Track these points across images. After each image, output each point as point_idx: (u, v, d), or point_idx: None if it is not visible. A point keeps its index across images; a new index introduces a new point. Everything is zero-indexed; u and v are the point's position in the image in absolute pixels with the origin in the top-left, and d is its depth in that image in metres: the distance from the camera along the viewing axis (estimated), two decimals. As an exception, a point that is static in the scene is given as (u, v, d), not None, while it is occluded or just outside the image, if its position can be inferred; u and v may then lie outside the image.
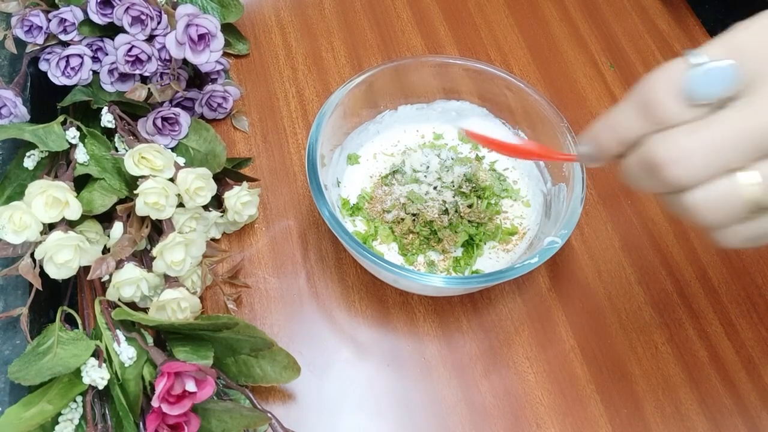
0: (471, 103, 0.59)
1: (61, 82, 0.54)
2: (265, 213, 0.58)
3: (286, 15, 0.71)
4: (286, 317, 0.53)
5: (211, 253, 0.51)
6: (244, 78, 0.66)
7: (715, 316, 0.55)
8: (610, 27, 0.73)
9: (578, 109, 0.66)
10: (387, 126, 0.59)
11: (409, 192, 0.54)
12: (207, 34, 0.53)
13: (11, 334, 0.46)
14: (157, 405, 0.39)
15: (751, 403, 0.51)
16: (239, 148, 0.61)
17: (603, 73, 0.69)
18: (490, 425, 0.49)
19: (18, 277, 0.48)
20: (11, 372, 0.42)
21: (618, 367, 0.52)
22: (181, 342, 0.45)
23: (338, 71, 0.67)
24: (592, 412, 0.50)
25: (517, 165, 0.58)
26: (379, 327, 0.53)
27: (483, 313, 0.54)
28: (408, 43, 0.70)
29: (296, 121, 0.63)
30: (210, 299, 0.53)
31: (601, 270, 0.56)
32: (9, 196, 0.51)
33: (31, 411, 0.41)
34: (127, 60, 0.53)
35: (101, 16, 0.54)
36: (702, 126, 0.29)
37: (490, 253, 0.54)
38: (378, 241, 0.54)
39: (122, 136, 0.53)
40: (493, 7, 0.73)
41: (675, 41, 0.72)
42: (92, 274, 0.45)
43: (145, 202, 0.47)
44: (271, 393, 0.49)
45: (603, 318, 0.54)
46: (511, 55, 0.70)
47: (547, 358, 0.52)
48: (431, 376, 0.51)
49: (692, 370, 0.52)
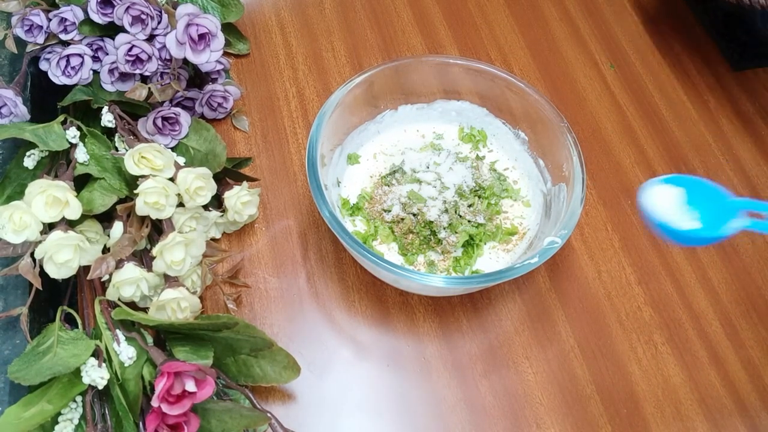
0: (471, 103, 0.59)
1: (62, 81, 0.54)
2: (265, 213, 0.58)
3: (286, 15, 0.71)
4: (286, 317, 0.53)
5: (211, 252, 0.51)
6: (244, 78, 0.66)
7: (715, 316, 0.55)
8: (610, 27, 0.73)
9: (578, 109, 0.66)
10: (387, 126, 0.59)
11: (409, 192, 0.54)
12: (207, 34, 0.53)
13: (11, 334, 0.46)
14: (157, 405, 0.39)
15: (751, 403, 0.51)
16: (239, 148, 0.61)
17: (603, 73, 0.69)
18: (490, 425, 0.49)
19: (18, 277, 0.48)
20: (11, 372, 0.42)
21: (618, 367, 0.52)
22: (181, 342, 0.45)
23: (338, 71, 0.67)
24: (592, 412, 0.50)
25: (517, 165, 0.58)
26: (379, 327, 0.53)
27: (483, 313, 0.54)
28: (408, 43, 0.70)
29: (296, 121, 0.63)
30: (210, 299, 0.53)
31: (601, 270, 0.56)
32: (9, 195, 0.51)
33: (31, 411, 0.41)
34: (127, 59, 0.53)
35: (101, 16, 0.54)
36: None
37: (490, 253, 0.54)
38: (378, 241, 0.54)
39: (122, 135, 0.53)
40: (493, 7, 0.73)
41: (675, 41, 0.72)
42: (92, 273, 0.45)
43: (145, 201, 0.47)
44: (271, 393, 0.49)
45: (603, 318, 0.54)
46: (511, 55, 0.70)
47: (547, 358, 0.52)
48: (431, 376, 0.51)
49: (692, 370, 0.52)
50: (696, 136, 0.65)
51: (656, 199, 0.36)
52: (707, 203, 0.35)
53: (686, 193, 0.35)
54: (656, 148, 0.64)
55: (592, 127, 0.65)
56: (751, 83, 0.69)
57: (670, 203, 0.35)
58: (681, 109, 0.67)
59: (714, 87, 0.69)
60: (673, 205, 0.35)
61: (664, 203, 0.35)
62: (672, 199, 0.35)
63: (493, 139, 0.60)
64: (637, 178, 0.62)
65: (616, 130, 0.65)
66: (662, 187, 0.36)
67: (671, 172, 0.36)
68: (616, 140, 0.64)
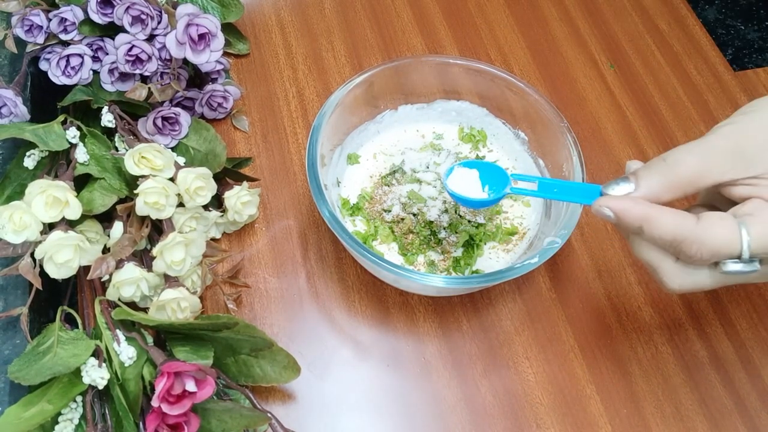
0: (471, 103, 0.59)
1: (62, 81, 0.54)
2: (265, 213, 0.58)
3: (286, 15, 0.71)
4: (286, 317, 0.53)
5: (211, 252, 0.51)
6: (244, 78, 0.66)
7: (715, 316, 0.55)
8: (610, 27, 0.73)
9: (578, 109, 0.66)
10: (387, 126, 0.59)
11: (409, 192, 0.54)
12: (207, 34, 0.53)
13: (11, 334, 0.46)
14: (157, 405, 0.39)
15: (751, 403, 0.51)
16: (239, 148, 0.61)
17: (603, 73, 0.69)
18: (490, 425, 0.49)
19: (18, 277, 0.48)
20: (11, 372, 0.42)
21: (618, 367, 0.52)
22: (181, 342, 0.45)
23: (338, 71, 0.67)
24: (592, 412, 0.50)
25: (517, 165, 0.58)
26: (379, 327, 0.53)
27: (483, 313, 0.54)
28: (408, 43, 0.70)
29: (296, 121, 0.63)
30: (210, 299, 0.53)
31: (601, 270, 0.56)
32: (9, 195, 0.51)
33: (31, 411, 0.41)
34: (127, 59, 0.53)
35: (101, 16, 0.54)
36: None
37: (490, 253, 0.54)
38: (378, 241, 0.54)
39: (122, 135, 0.53)
40: (493, 7, 0.73)
41: (675, 41, 0.72)
42: (92, 273, 0.45)
43: (145, 201, 0.47)
44: (271, 393, 0.49)
45: (603, 318, 0.54)
46: (511, 55, 0.70)
47: (547, 358, 0.52)
48: (431, 376, 0.51)
49: (692, 370, 0.52)
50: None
51: (457, 179, 0.47)
52: (493, 178, 0.46)
53: (479, 173, 0.47)
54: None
55: (592, 127, 0.65)
56: (751, 83, 0.69)
57: (469, 181, 0.47)
58: (681, 109, 0.67)
59: (714, 87, 0.69)
60: (470, 182, 0.47)
61: (463, 181, 0.47)
62: (469, 178, 0.47)
63: (493, 139, 0.60)
64: (637, 178, 0.62)
65: (616, 130, 0.65)
66: (461, 169, 0.47)
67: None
68: (616, 140, 0.64)
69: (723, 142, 0.38)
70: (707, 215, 0.36)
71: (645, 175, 0.38)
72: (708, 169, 0.37)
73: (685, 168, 0.37)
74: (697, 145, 0.38)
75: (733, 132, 0.38)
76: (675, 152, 0.38)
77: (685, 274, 0.38)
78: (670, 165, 0.38)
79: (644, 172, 0.38)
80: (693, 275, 0.38)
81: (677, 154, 0.38)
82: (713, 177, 0.37)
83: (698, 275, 0.38)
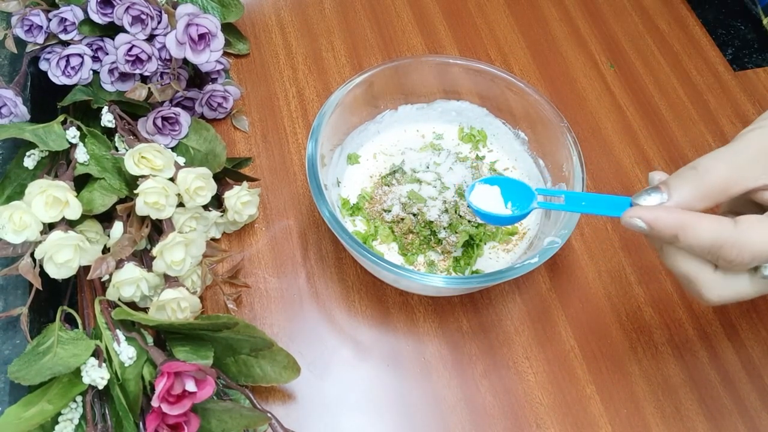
0: (471, 103, 0.59)
1: (61, 81, 0.54)
2: (265, 213, 0.58)
3: (286, 15, 0.71)
4: (286, 317, 0.53)
5: (211, 252, 0.51)
6: (244, 78, 0.66)
7: (715, 316, 0.55)
8: (610, 27, 0.73)
9: (578, 109, 0.66)
10: (387, 126, 0.59)
11: (409, 192, 0.54)
12: (207, 34, 0.53)
13: (11, 334, 0.46)
14: (157, 405, 0.39)
15: (751, 403, 0.51)
16: (239, 148, 0.61)
17: (603, 73, 0.69)
18: (490, 425, 0.49)
19: (18, 277, 0.48)
20: (11, 372, 0.42)
21: (618, 367, 0.52)
22: (181, 342, 0.45)
23: (338, 71, 0.67)
24: (592, 412, 0.50)
25: (517, 165, 0.58)
26: (379, 327, 0.53)
27: (483, 313, 0.54)
28: (408, 43, 0.70)
29: (296, 121, 0.63)
30: (210, 299, 0.53)
31: (601, 270, 0.56)
32: (9, 195, 0.51)
33: (31, 411, 0.41)
34: (127, 59, 0.53)
35: (101, 16, 0.54)
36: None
37: (490, 253, 0.54)
38: (378, 241, 0.54)
39: (122, 135, 0.53)
40: (493, 7, 0.73)
41: (675, 41, 0.72)
42: (92, 273, 0.45)
43: (145, 201, 0.47)
44: (271, 393, 0.49)
45: (603, 318, 0.54)
46: (511, 55, 0.70)
47: (547, 358, 0.52)
48: (431, 376, 0.51)
49: (692, 370, 0.52)
50: (696, 136, 0.65)
51: (479, 195, 0.46)
52: (516, 194, 0.45)
53: (501, 189, 0.46)
54: (656, 148, 0.64)
55: (592, 127, 0.65)
56: (751, 83, 0.69)
57: (490, 197, 0.46)
58: (681, 109, 0.67)
59: (714, 87, 0.69)
60: (491, 198, 0.46)
61: (485, 197, 0.46)
62: (490, 194, 0.46)
63: (493, 139, 0.60)
64: (637, 178, 0.62)
65: (616, 130, 0.65)
66: (482, 186, 0.46)
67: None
68: (616, 140, 0.64)
69: (752, 148, 0.37)
70: (745, 218, 0.35)
71: (676, 184, 0.37)
72: (740, 176, 0.36)
73: (716, 176, 0.36)
74: (725, 152, 0.37)
75: (761, 137, 0.37)
76: (704, 160, 0.37)
77: (725, 283, 0.37)
78: (701, 173, 0.37)
79: (675, 181, 0.37)
80: (733, 284, 0.37)
81: (707, 162, 0.37)
82: (746, 183, 0.36)
83: (739, 283, 0.37)
